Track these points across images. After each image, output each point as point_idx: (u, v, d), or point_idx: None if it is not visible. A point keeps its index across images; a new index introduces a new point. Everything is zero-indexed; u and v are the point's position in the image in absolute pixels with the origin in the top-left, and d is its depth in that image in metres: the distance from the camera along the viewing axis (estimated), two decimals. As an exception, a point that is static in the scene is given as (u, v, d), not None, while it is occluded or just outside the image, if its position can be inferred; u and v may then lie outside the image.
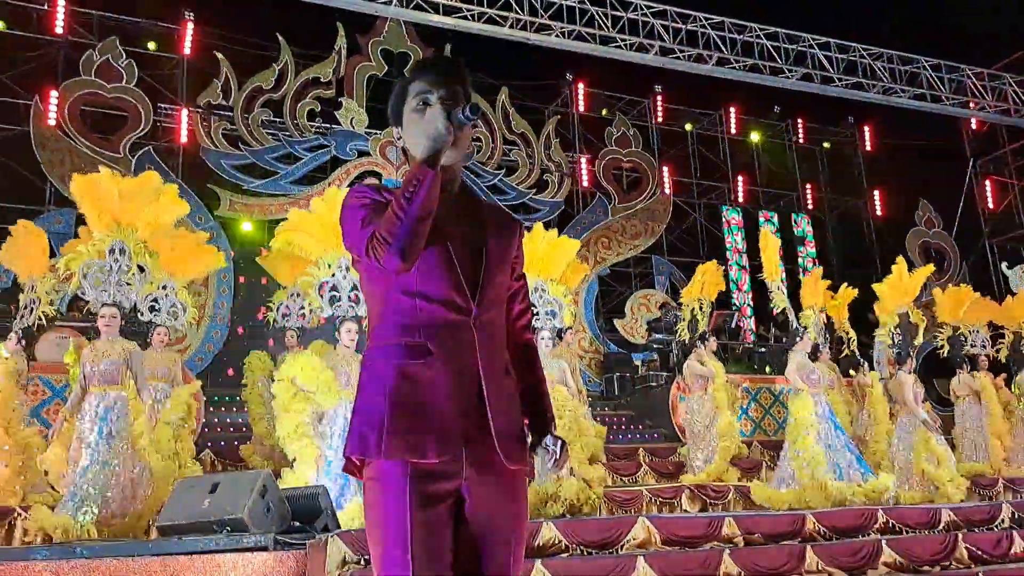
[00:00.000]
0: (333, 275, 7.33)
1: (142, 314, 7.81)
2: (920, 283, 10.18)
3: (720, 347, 11.48)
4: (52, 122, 11.95)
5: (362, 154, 14.29)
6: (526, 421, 1.88)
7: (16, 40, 12.69)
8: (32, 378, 8.10)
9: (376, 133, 14.31)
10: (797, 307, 9.06)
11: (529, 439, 1.86)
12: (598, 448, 8.36)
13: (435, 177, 1.68)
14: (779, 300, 8.77)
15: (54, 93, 12.05)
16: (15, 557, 3.89)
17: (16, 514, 5.94)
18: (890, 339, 9.96)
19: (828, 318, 9.54)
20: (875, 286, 10.15)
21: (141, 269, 6.91)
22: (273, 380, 7.74)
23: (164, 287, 7.80)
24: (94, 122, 12.67)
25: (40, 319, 7.70)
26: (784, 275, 16.59)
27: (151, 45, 13.59)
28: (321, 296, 7.28)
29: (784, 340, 14.66)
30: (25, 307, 7.65)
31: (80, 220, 7.52)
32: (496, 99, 15.36)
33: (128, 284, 6.74)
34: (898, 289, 9.92)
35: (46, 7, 12.58)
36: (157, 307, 7.75)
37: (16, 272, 7.94)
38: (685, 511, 7.83)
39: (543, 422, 1.90)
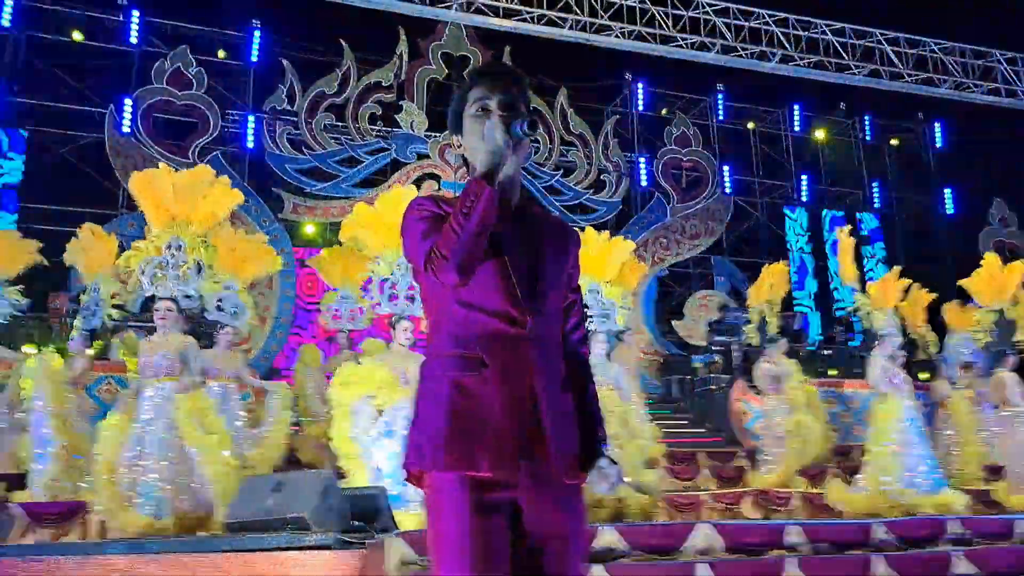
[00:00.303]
0: (392, 272, 7.41)
1: (209, 313, 8.01)
2: (1018, 278, 9.66)
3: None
4: (127, 130, 12.38)
5: (421, 156, 14.45)
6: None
7: (93, 50, 13.19)
8: (105, 377, 8.36)
9: (435, 136, 14.45)
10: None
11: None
12: (656, 451, 8.28)
13: (493, 192, 1.68)
14: (861, 302, 8.47)
15: (128, 101, 12.49)
16: (92, 552, 4.05)
17: (86, 510, 6.06)
18: (987, 335, 9.52)
19: (902, 320, 9.23)
20: (963, 282, 9.73)
21: (200, 268, 6.96)
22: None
23: (228, 287, 8.02)
24: (165, 128, 13.09)
25: (108, 319, 7.87)
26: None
27: (220, 53, 13.96)
28: (380, 293, 7.36)
29: (847, 343, 14.42)
30: (86, 307, 7.83)
31: (151, 222, 7.78)
32: (554, 100, 15.36)
33: (184, 279, 6.76)
34: (991, 285, 9.49)
35: (121, 18, 13.04)
36: (222, 307, 7.95)
37: (80, 271, 8.13)
38: (747, 517, 7.70)
39: (594, 440, 1.88)
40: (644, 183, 15.73)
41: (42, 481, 6.41)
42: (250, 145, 13.40)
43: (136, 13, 13.04)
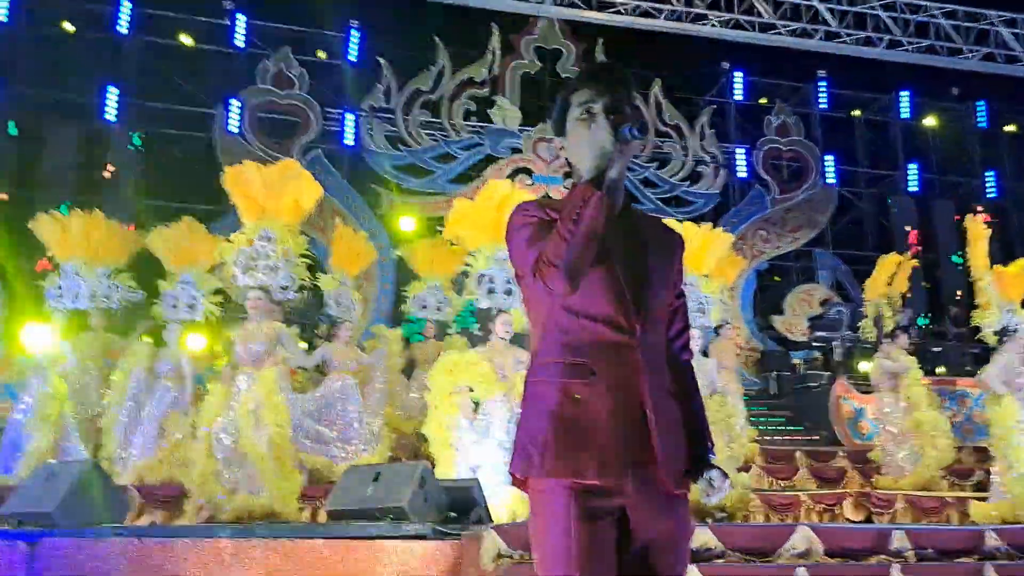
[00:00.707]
0: (489, 267, 7.47)
1: (329, 308, 8.26)
2: None
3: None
4: (234, 129, 12.90)
5: (515, 151, 14.53)
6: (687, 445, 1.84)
7: (202, 53, 13.78)
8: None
9: (528, 130, 14.51)
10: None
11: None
12: (751, 452, 8.09)
13: (602, 198, 1.67)
14: (991, 297, 7.94)
15: (235, 102, 13.01)
16: (202, 534, 4.26)
17: (186, 493, 6.26)
18: None
19: None
20: None
21: (289, 258, 6.96)
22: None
23: (344, 283, 8.25)
24: (270, 127, 13.58)
25: (209, 314, 8.07)
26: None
27: (320, 53, 14.38)
28: (479, 287, 7.43)
29: (959, 339, 13.67)
30: (171, 297, 7.84)
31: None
32: (649, 91, 15.17)
33: (275, 268, 6.85)
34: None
35: (227, 21, 13.58)
36: (341, 301, 8.19)
37: (164, 260, 8.08)
38: (847, 519, 7.45)
39: (701, 449, 1.86)
40: (743, 174, 15.36)
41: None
42: (349, 142, 13.76)
43: (241, 16, 13.55)
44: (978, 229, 8.29)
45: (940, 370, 12.68)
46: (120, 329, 9.08)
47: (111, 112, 12.75)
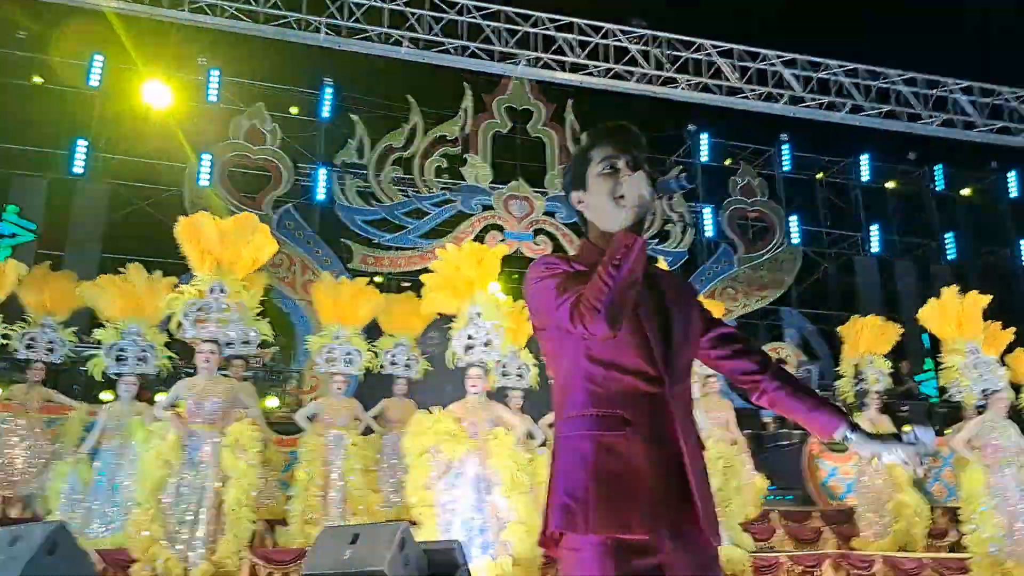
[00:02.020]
0: (467, 324, 7.42)
1: (319, 366, 8.10)
2: None
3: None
4: (205, 183, 12.82)
5: (486, 208, 14.61)
6: (825, 417, 1.87)
7: (174, 109, 13.73)
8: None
9: (499, 187, 14.64)
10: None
11: (841, 430, 1.86)
12: (757, 507, 8.01)
13: (644, 244, 1.71)
14: (951, 363, 8.04)
15: (207, 156, 12.95)
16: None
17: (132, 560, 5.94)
18: None
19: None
20: None
21: (242, 312, 6.77)
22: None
23: (336, 337, 8.09)
24: (241, 181, 13.51)
25: (163, 368, 7.80)
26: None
27: (293, 109, 14.45)
28: (458, 342, 7.37)
29: (907, 406, 13.80)
30: (115, 349, 7.47)
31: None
32: (618, 152, 15.37)
33: (225, 322, 6.68)
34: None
35: (201, 77, 13.60)
36: (333, 356, 8.02)
37: (105, 308, 7.69)
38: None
39: (839, 411, 1.89)
40: (710, 233, 15.61)
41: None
42: (321, 197, 13.74)
43: (216, 72, 13.59)
44: (950, 299, 8.40)
45: (906, 428, 12.79)
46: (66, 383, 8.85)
47: (79, 165, 12.61)
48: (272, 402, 11.03)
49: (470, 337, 6.97)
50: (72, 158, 12.61)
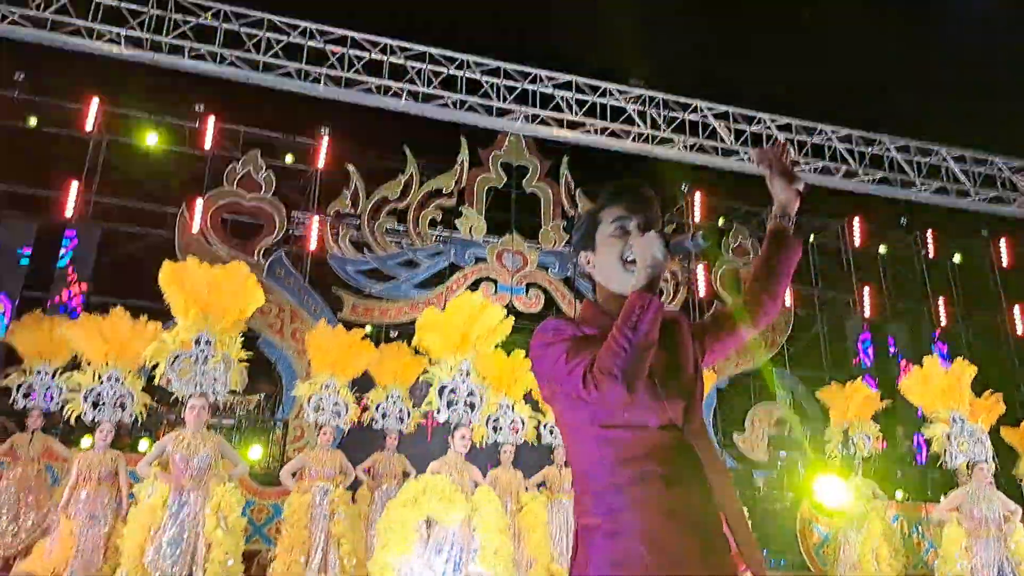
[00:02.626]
0: (453, 378, 7.31)
1: (307, 415, 7.94)
2: None
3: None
4: (196, 229, 12.72)
5: (479, 260, 14.56)
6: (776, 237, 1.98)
7: (169, 154, 13.72)
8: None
9: (492, 241, 14.62)
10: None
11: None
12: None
13: (660, 305, 1.65)
14: (934, 433, 8.10)
15: (200, 202, 12.88)
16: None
17: None
18: None
19: None
20: None
21: (229, 364, 6.65)
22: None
23: (326, 386, 7.94)
24: (233, 229, 13.42)
25: (141, 415, 7.63)
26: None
27: (288, 158, 14.40)
28: (439, 399, 7.25)
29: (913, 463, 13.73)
30: (100, 396, 7.32)
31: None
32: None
33: (215, 376, 6.57)
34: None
35: (197, 125, 13.60)
36: (322, 406, 7.88)
37: (81, 352, 7.63)
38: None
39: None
40: (702, 293, 15.57)
41: None
42: (313, 246, 13.64)
43: (212, 119, 13.60)
44: (932, 371, 8.46)
45: (899, 495, 12.63)
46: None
47: (70, 208, 12.49)
48: (255, 451, 10.76)
49: (453, 392, 6.90)
50: (63, 200, 12.50)
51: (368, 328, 13.69)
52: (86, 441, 8.68)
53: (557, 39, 14.29)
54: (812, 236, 17.11)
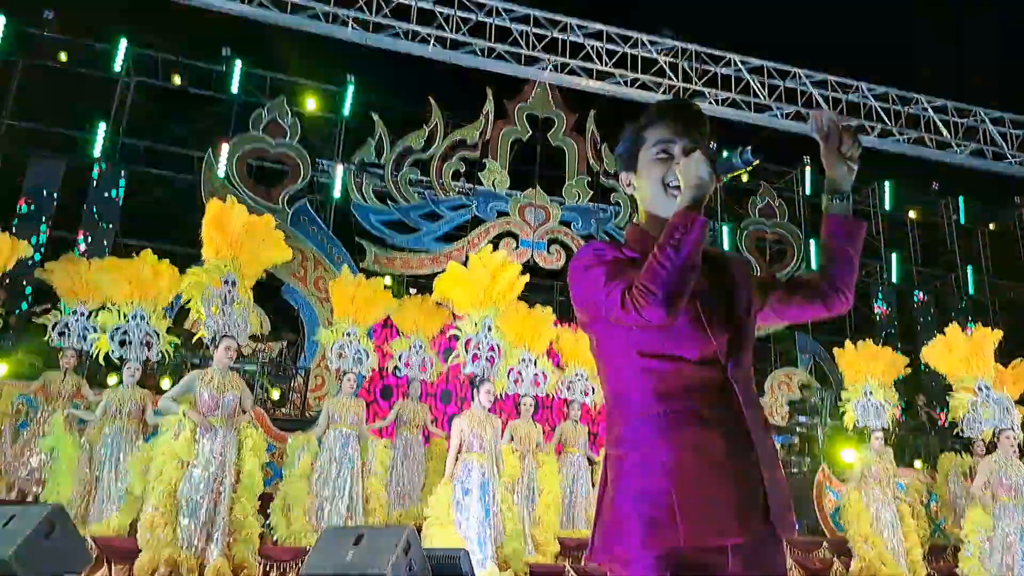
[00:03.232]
0: (477, 332, 7.34)
1: (331, 361, 7.99)
2: None
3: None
4: (221, 174, 12.71)
5: (501, 214, 14.47)
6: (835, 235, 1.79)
7: (195, 98, 13.67)
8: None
9: (516, 194, 14.51)
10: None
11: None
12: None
13: (704, 223, 1.56)
14: (959, 401, 8.04)
15: (225, 147, 12.84)
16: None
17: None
18: None
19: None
20: None
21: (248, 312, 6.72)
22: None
23: (348, 334, 7.96)
24: (258, 174, 13.40)
25: (167, 354, 7.71)
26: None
27: (314, 105, 14.31)
28: (465, 351, 7.30)
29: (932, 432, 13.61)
30: (126, 335, 7.40)
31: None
32: (638, 166, 15.28)
33: (241, 316, 6.64)
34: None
35: (224, 68, 13.51)
36: (344, 353, 7.90)
37: (107, 292, 7.74)
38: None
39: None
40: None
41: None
42: (337, 195, 13.60)
43: (238, 63, 13.50)
44: (984, 339, 8.33)
45: (918, 464, 12.54)
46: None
47: (98, 148, 12.52)
48: (276, 398, 10.88)
49: (477, 347, 6.96)
50: (91, 140, 12.53)
51: (388, 279, 13.82)
52: (111, 381, 8.76)
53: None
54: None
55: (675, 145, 1.72)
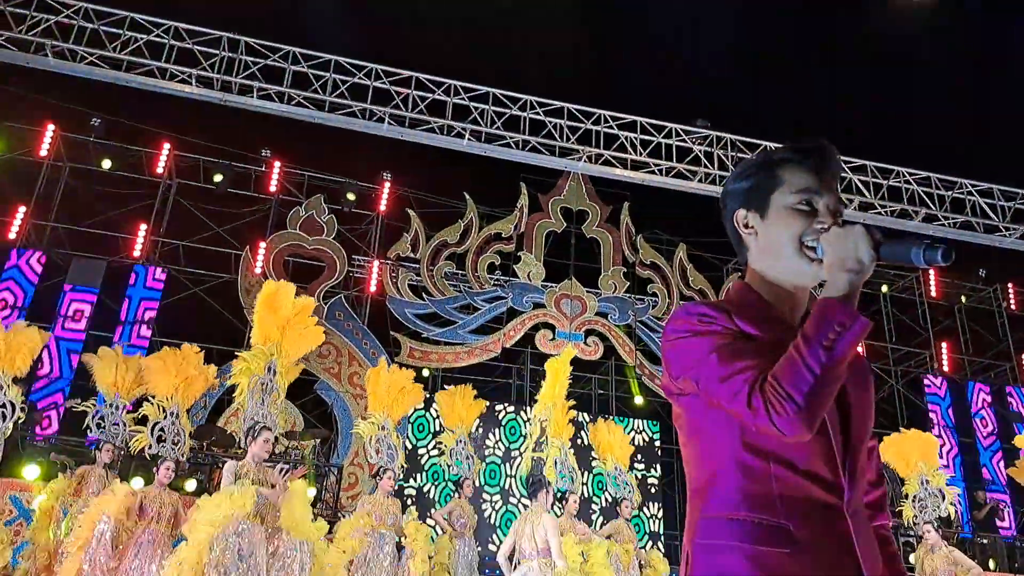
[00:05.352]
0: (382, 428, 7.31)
1: (370, 457, 7.69)
2: None
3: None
4: (258, 270, 12.76)
5: (537, 306, 14.33)
6: None
7: (235, 197, 13.89)
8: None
9: (551, 286, 14.42)
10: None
11: None
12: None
13: (868, 326, 1.26)
14: None
15: (263, 244, 12.96)
16: None
17: None
18: None
19: None
20: None
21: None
22: None
23: (383, 427, 7.69)
24: (295, 271, 13.46)
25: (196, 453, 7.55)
26: (1002, 457, 14.68)
27: (350, 196, 14.42)
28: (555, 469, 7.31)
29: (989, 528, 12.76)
30: (158, 428, 7.35)
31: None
32: (674, 255, 15.16)
33: (276, 406, 6.49)
34: None
35: (263, 168, 13.77)
36: (379, 449, 7.54)
37: (153, 390, 7.75)
38: None
39: None
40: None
41: None
42: (372, 289, 13.57)
43: (277, 164, 13.76)
44: None
45: (992, 566, 11.73)
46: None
47: (138, 249, 12.68)
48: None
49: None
50: (132, 241, 12.71)
51: (425, 372, 13.60)
52: (136, 481, 8.52)
53: (620, 82, 14.21)
54: (885, 287, 16.44)
55: (820, 199, 1.45)
